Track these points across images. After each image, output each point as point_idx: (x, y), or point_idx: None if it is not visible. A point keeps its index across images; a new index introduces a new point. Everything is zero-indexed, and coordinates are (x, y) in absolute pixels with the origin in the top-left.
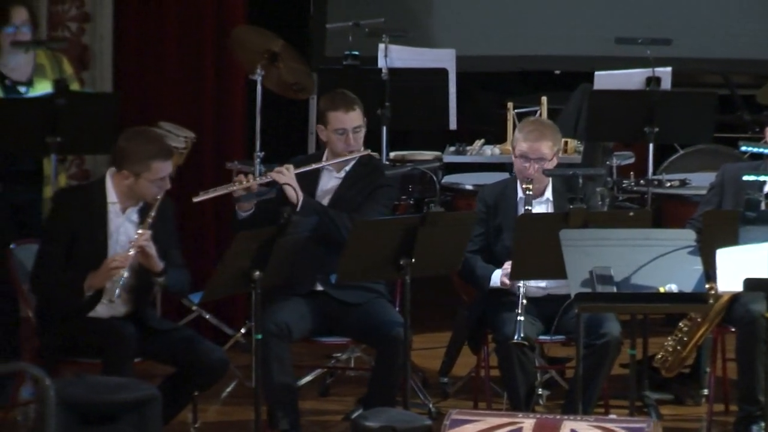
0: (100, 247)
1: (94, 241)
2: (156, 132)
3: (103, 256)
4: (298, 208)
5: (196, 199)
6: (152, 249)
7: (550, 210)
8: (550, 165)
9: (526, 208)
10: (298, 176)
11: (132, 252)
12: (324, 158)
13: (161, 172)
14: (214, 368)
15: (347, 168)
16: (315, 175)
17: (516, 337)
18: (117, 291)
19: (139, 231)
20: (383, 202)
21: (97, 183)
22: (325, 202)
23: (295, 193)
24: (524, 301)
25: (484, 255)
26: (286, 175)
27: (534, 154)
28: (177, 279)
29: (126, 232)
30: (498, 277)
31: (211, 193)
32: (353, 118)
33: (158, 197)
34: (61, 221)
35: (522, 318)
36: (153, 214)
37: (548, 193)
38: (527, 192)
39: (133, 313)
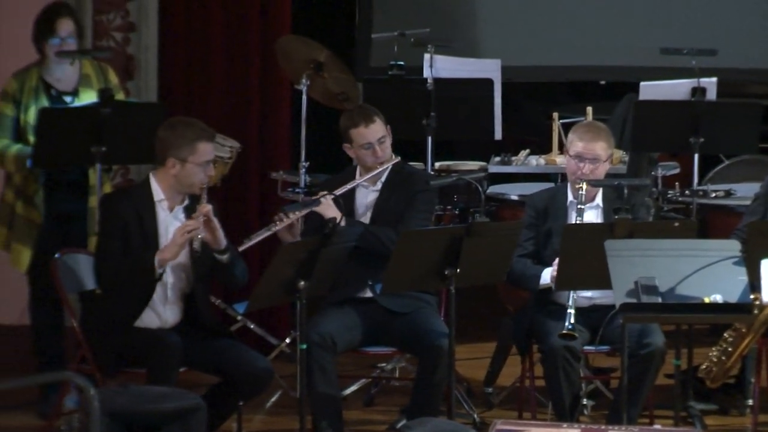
0: (152, 244)
1: (145, 240)
2: (193, 118)
3: (155, 254)
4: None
5: (241, 248)
6: (217, 221)
7: (600, 216)
8: (604, 168)
9: (579, 207)
10: None
11: (200, 219)
12: (357, 174)
13: (207, 154)
14: (259, 378)
15: (382, 179)
16: (351, 192)
17: (566, 326)
18: (198, 244)
19: (200, 205)
20: (424, 208)
21: (142, 184)
22: (367, 217)
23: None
24: (575, 295)
25: (534, 260)
26: (324, 203)
27: (589, 154)
28: (240, 263)
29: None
30: (548, 274)
31: (255, 239)
32: (375, 130)
33: (204, 185)
34: (114, 221)
35: (572, 311)
36: (205, 196)
37: (599, 199)
38: (580, 191)
39: (180, 323)
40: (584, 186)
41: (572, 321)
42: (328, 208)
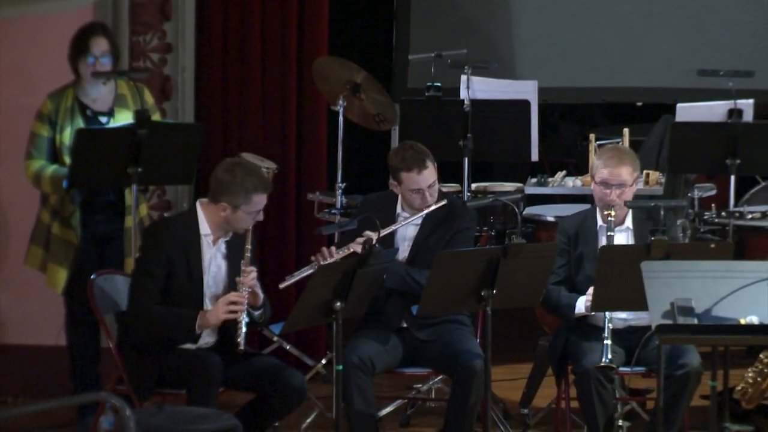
0: (197, 280)
1: (190, 274)
2: (254, 164)
3: (200, 288)
4: (385, 276)
5: (282, 285)
6: (259, 288)
7: (630, 238)
8: (630, 191)
9: (609, 234)
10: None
11: (245, 292)
12: (398, 204)
13: (260, 204)
14: (294, 393)
15: (422, 216)
16: (392, 222)
17: (603, 360)
18: (241, 339)
19: (245, 269)
20: (463, 247)
21: (188, 214)
22: (405, 249)
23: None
24: (610, 326)
25: (567, 286)
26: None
27: (615, 180)
28: (266, 311)
29: (217, 264)
30: (582, 303)
31: (297, 276)
32: (427, 177)
33: (249, 228)
34: (157, 254)
35: (609, 342)
36: (249, 247)
37: (628, 222)
38: (609, 218)
39: (216, 342)
40: (612, 212)
41: (609, 355)
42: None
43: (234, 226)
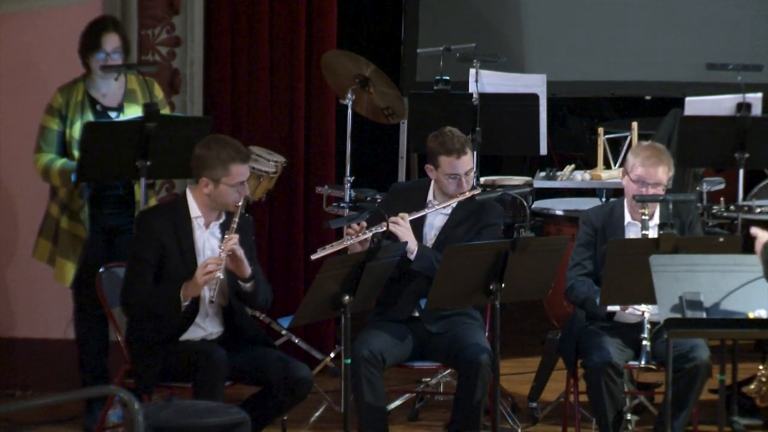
0: (190, 263)
1: (183, 257)
2: (230, 137)
3: (193, 271)
4: (413, 257)
5: (314, 257)
6: (242, 252)
7: (658, 233)
8: (662, 191)
9: (644, 233)
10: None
11: (224, 255)
12: (430, 192)
13: (240, 175)
14: (299, 384)
15: (453, 204)
16: (421, 208)
17: (643, 361)
18: (213, 292)
19: (227, 235)
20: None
21: (180, 200)
22: (432, 237)
23: (411, 243)
24: (648, 326)
25: (594, 279)
26: (402, 225)
27: (651, 179)
28: (263, 289)
29: (211, 247)
30: None
31: (328, 249)
32: (465, 163)
33: (239, 204)
34: (149, 241)
35: (647, 343)
36: (236, 219)
37: (656, 218)
38: (644, 216)
39: (223, 334)
40: (646, 210)
41: (646, 359)
42: (406, 233)
43: (220, 203)
